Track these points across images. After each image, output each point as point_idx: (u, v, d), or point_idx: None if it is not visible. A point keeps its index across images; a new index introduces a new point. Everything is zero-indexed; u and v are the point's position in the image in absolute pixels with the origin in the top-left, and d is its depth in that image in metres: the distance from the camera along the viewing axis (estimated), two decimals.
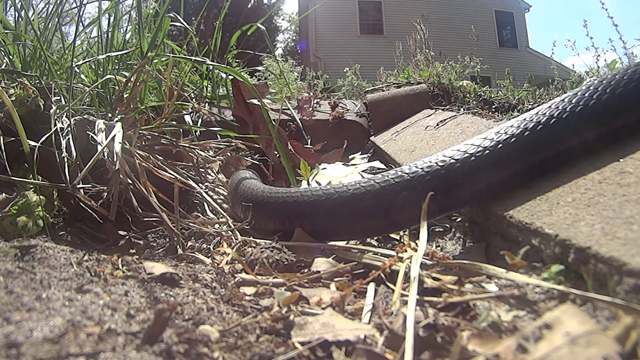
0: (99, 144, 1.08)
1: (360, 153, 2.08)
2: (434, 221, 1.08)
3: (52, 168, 1.06)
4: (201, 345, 0.51)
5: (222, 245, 1.04)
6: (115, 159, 1.02)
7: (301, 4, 18.25)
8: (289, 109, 2.19)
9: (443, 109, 2.14)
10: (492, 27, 17.56)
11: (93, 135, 1.15)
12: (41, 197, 1.02)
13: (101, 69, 1.65)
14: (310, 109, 2.37)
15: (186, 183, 1.24)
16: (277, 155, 1.56)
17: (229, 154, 1.60)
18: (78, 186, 1.01)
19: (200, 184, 1.38)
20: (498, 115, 1.79)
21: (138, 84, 1.35)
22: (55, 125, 1.13)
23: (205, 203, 1.35)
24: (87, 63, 1.63)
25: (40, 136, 1.08)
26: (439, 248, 1.05)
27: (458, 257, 0.88)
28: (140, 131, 1.32)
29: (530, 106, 1.93)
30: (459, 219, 1.05)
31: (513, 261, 0.68)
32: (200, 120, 1.91)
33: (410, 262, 0.70)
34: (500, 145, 0.85)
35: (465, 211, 1.00)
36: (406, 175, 0.89)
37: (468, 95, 2.33)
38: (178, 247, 1.03)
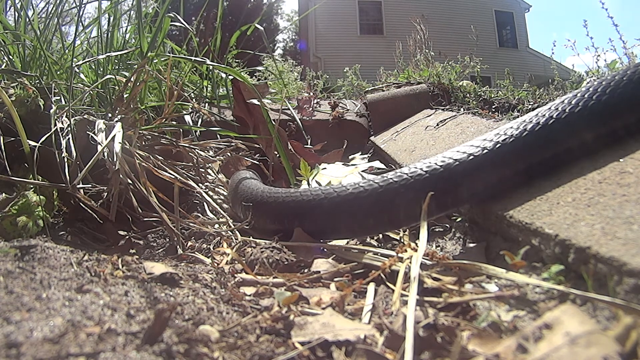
0: (99, 144, 1.08)
1: (360, 153, 2.08)
2: (434, 221, 1.08)
3: (52, 168, 1.06)
4: (201, 345, 0.51)
5: (222, 245, 1.04)
6: (115, 159, 1.02)
7: (301, 4, 18.26)
8: (289, 109, 2.20)
9: (443, 109, 2.14)
10: (492, 27, 17.56)
11: (93, 135, 1.15)
12: (41, 197, 1.02)
13: (101, 69, 1.65)
14: (310, 109, 2.37)
15: (186, 183, 1.24)
16: (277, 155, 1.56)
17: (229, 154, 1.60)
18: (78, 186, 1.01)
19: (200, 184, 1.38)
20: (498, 115, 1.79)
21: (138, 84, 1.35)
22: (55, 125, 1.13)
23: (205, 203, 1.35)
24: (87, 63, 1.63)
25: (40, 136, 1.08)
26: (439, 248, 1.05)
27: (458, 257, 0.88)
28: (140, 131, 1.32)
29: (530, 106, 1.92)
30: (459, 219, 1.05)
31: (513, 261, 0.68)
32: (200, 120, 1.91)
33: (410, 262, 0.70)
34: (500, 145, 0.86)
35: (465, 211, 1.00)
36: (406, 175, 0.89)
37: (468, 95, 2.33)
38: (178, 247, 1.03)
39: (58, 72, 1.49)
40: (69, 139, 1.12)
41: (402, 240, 1.09)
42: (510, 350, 0.47)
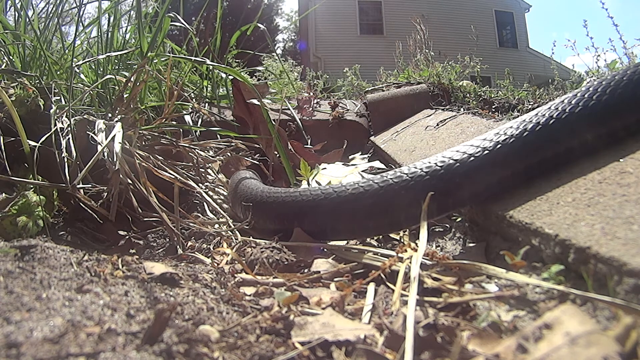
0: (99, 144, 1.08)
1: (360, 153, 2.08)
2: (433, 221, 1.08)
3: (52, 168, 1.06)
4: (201, 345, 0.51)
5: (222, 245, 1.04)
6: (115, 159, 1.02)
7: (301, 4, 18.26)
8: (289, 109, 2.20)
9: (443, 109, 2.14)
10: (492, 27, 17.56)
11: (93, 135, 1.15)
12: (41, 197, 1.02)
13: (101, 69, 1.65)
14: (310, 109, 2.37)
15: (186, 183, 1.24)
16: (277, 155, 1.56)
17: (229, 154, 1.60)
18: (78, 186, 1.01)
19: (200, 184, 1.38)
20: (498, 115, 1.79)
21: (138, 84, 1.35)
22: (55, 125, 1.13)
23: (205, 203, 1.35)
24: (87, 63, 1.63)
25: (40, 136, 1.08)
26: (439, 248, 1.05)
27: (458, 257, 0.88)
28: (140, 131, 1.32)
29: (530, 106, 1.93)
30: (459, 219, 1.05)
31: (513, 261, 0.68)
32: (200, 120, 1.91)
33: (410, 262, 0.70)
34: (500, 145, 0.86)
35: (465, 211, 1.00)
36: (405, 175, 0.89)
37: (468, 95, 2.33)
38: (178, 247, 1.03)
39: (58, 72, 1.49)
40: (69, 139, 1.12)
41: (402, 240, 1.09)
42: (510, 350, 0.47)
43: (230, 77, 2.00)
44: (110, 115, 1.36)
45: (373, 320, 0.61)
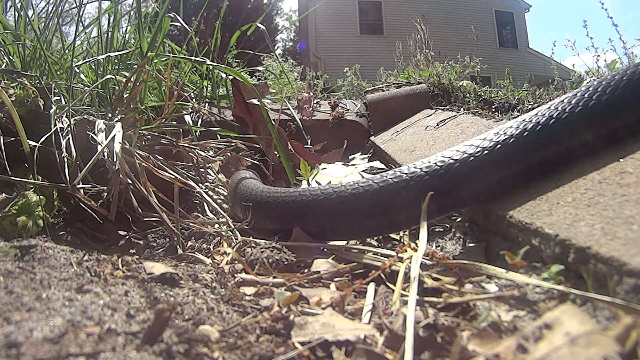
0: (99, 144, 1.08)
1: (360, 153, 2.08)
2: (434, 221, 1.08)
3: (52, 168, 1.06)
4: (201, 345, 0.51)
5: (222, 245, 1.04)
6: (115, 159, 1.02)
7: (301, 4, 18.26)
8: (289, 109, 2.20)
9: (443, 109, 2.14)
10: (492, 27, 17.57)
11: (93, 135, 1.15)
12: (41, 197, 1.02)
13: (101, 69, 1.65)
14: (310, 109, 2.37)
15: (186, 183, 1.24)
16: (277, 155, 1.56)
17: (229, 154, 1.60)
18: (78, 186, 1.01)
19: (200, 184, 1.38)
20: (498, 115, 1.79)
21: (138, 84, 1.35)
22: (55, 125, 1.13)
23: (205, 203, 1.35)
24: (87, 63, 1.63)
25: (40, 136, 1.08)
26: (439, 248, 1.05)
27: (458, 257, 0.88)
28: (140, 131, 1.32)
29: (530, 106, 1.93)
30: (459, 219, 1.05)
31: (513, 261, 0.68)
32: (200, 120, 1.91)
33: (410, 262, 0.70)
34: (500, 145, 0.86)
35: (465, 211, 1.00)
36: (405, 175, 0.89)
37: (468, 95, 2.33)
38: (178, 247, 1.03)
39: (58, 72, 1.49)
40: (69, 139, 1.12)
41: (402, 240, 1.09)
42: (510, 350, 0.47)
43: (230, 77, 2.00)
44: (110, 115, 1.36)
45: (373, 320, 0.61)
